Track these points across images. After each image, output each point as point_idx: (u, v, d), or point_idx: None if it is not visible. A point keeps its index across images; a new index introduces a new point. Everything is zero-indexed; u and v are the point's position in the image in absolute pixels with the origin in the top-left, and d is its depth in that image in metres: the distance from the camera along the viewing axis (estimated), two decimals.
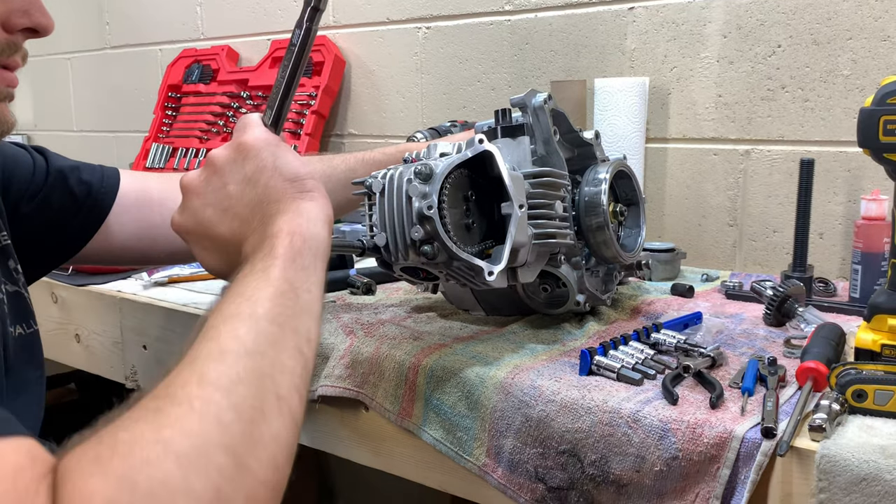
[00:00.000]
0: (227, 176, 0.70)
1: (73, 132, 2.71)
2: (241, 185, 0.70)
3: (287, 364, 0.55)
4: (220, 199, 0.70)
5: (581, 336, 0.97)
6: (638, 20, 1.45)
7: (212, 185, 0.71)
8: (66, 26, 2.63)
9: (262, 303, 0.58)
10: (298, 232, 0.64)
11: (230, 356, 0.52)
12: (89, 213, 0.97)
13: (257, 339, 0.55)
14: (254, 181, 0.69)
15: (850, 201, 1.28)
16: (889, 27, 1.21)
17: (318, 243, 0.66)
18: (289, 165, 0.69)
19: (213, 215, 0.71)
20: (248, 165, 0.70)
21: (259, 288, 0.59)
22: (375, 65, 1.85)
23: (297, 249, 0.63)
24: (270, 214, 0.67)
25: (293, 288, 0.61)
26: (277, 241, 0.63)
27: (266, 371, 0.53)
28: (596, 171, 0.99)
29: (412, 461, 0.91)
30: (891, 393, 0.71)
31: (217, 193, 0.71)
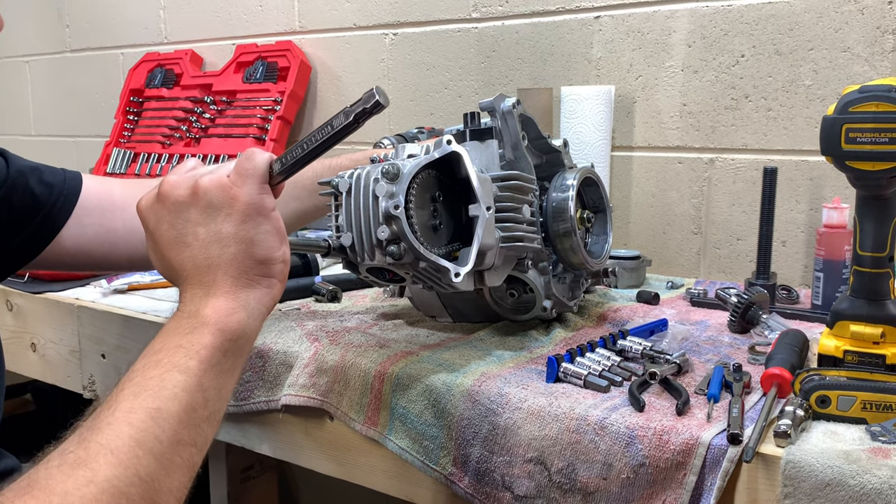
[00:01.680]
0: (203, 217, 0.68)
1: (31, 136, 2.65)
2: (211, 237, 0.67)
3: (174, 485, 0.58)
4: (186, 234, 0.68)
5: (548, 343, 0.97)
6: (604, 29, 1.45)
7: (188, 213, 0.68)
8: (24, 28, 2.57)
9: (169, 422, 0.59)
10: (232, 330, 0.65)
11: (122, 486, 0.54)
12: (50, 216, 0.94)
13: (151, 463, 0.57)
14: (224, 244, 0.67)
15: (812, 209, 1.29)
16: (849, 39, 1.23)
17: (246, 341, 0.67)
18: (264, 244, 0.68)
19: (173, 240, 0.69)
20: (227, 225, 0.67)
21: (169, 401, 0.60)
22: (342, 70, 1.84)
23: (224, 351, 0.64)
24: (219, 286, 0.66)
25: (205, 400, 0.62)
26: (207, 338, 0.64)
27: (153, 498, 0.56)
28: (564, 178, 0.99)
29: (378, 471, 0.90)
30: (853, 398, 0.71)
31: (186, 226, 0.68)
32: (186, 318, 0.66)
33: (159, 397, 0.59)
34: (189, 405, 0.60)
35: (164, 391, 0.60)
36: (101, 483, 0.53)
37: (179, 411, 0.60)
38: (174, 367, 0.62)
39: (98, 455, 0.55)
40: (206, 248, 0.67)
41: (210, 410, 0.63)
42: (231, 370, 0.66)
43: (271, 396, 0.98)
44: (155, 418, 0.58)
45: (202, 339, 0.64)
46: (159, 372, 0.61)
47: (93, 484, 0.53)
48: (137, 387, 0.60)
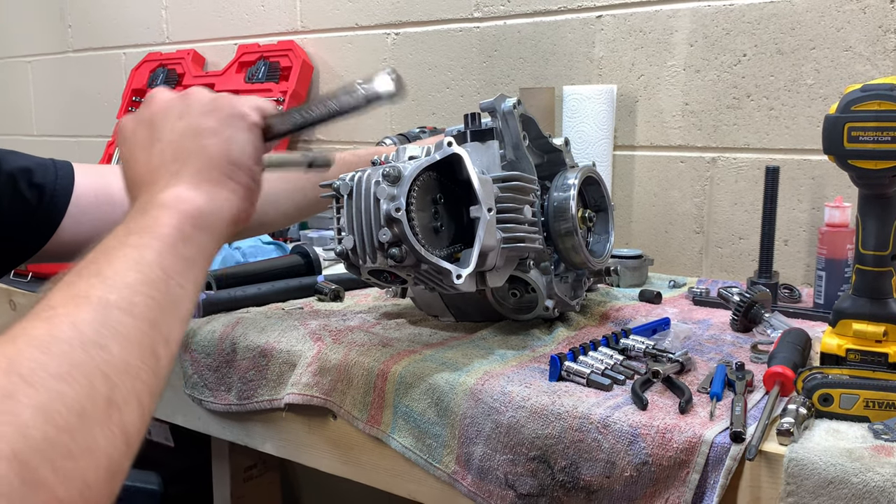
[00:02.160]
0: (188, 110, 0.65)
1: (33, 136, 2.65)
2: (186, 129, 0.64)
3: (132, 364, 0.47)
4: (161, 127, 0.65)
5: (550, 342, 0.97)
6: (606, 28, 1.46)
7: (169, 112, 0.65)
8: (26, 29, 2.58)
9: (119, 289, 0.49)
10: (195, 216, 0.58)
11: (58, 345, 0.44)
12: (42, 219, 0.92)
13: (100, 329, 0.46)
14: (199, 135, 0.63)
15: (814, 208, 1.29)
16: (851, 38, 1.23)
17: (210, 238, 0.59)
18: (241, 148, 0.64)
19: (144, 138, 0.65)
20: (210, 120, 0.64)
21: (123, 271, 0.51)
22: (344, 70, 1.84)
23: (185, 236, 0.56)
24: (181, 177, 0.61)
25: (166, 277, 0.53)
26: (165, 217, 0.57)
27: (102, 368, 0.45)
28: (565, 177, 0.99)
29: (381, 470, 0.90)
30: (856, 397, 0.71)
31: (165, 121, 0.65)
32: (137, 210, 0.58)
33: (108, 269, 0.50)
34: (147, 278, 0.51)
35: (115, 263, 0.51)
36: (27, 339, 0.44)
37: (133, 282, 0.50)
38: (124, 244, 0.53)
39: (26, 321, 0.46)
40: (180, 139, 0.63)
41: (173, 295, 0.53)
42: (194, 262, 0.56)
43: (274, 395, 0.98)
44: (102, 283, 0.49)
45: (158, 219, 0.56)
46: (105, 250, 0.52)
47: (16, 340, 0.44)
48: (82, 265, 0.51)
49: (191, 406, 1.08)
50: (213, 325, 1.06)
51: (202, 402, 1.06)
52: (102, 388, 0.44)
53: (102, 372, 0.45)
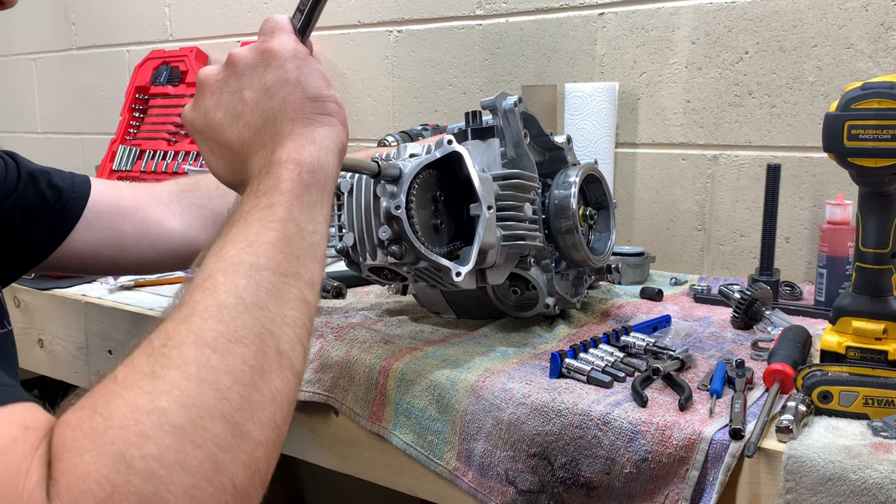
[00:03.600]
0: (245, 80, 0.67)
1: (37, 134, 2.66)
2: (258, 93, 0.66)
3: (289, 315, 0.53)
4: (233, 104, 0.67)
5: (551, 339, 0.97)
6: (608, 26, 1.46)
7: (228, 86, 0.67)
8: (30, 26, 2.58)
9: (265, 250, 0.55)
10: (307, 163, 0.61)
11: (228, 312, 0.50)
12: (59, 218, 0.95)
13: (258, 291, 0.52)
14: (272, 92, 0.65)
15: (816, 206, 1.29)
16: (853, 35, 1.23)
17: (326, 176, 0.63)
18: (312, 83, 0.66)
19: (224, 119, 0.67)
20: (270, 74, 0.66)
21: (262, 231, 0.56)
22: (346, 68, 1.84)
23: (305, 184, 0.60)
24: (283, 134, 0.63)
25: (299, 230, 0.58)
26: (285, 173, 0.60)
27: (266, 326, 0.51)
28: (566, 175, 0.99)
29: (382, 466, 0.91)
30: (855, 394, 0.72)
31: (232, 97, 0.67)
32: (257, 178, 0.62)
33: (248, 231, 0.56)
34: (283, 234, 0.56)
35: (252, 226, 0.56)
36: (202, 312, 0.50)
37: (274, 241, 0.56)
38: (257, 206, 0.58)
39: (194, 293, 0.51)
40: (257, 105, 0.65)
41: (308, 242, 0.58)
42: (318, 204, 0.61)
43: None
44: (248, 247, 0.55)
45: (279, 175, 0.60)
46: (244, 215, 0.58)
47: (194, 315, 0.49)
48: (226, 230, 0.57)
49: None
50: None
51: None
52: (271, 343, 0.51)
53: (268, 329, 0.51)
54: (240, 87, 0.67)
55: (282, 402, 0.50)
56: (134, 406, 0.44)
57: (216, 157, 0.69)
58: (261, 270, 0.54)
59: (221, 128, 0.67)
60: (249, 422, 0.47)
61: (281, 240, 0.56)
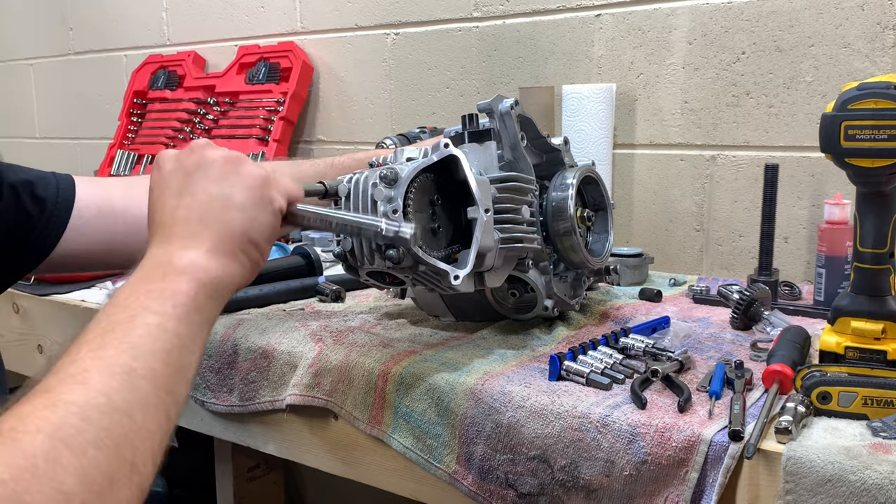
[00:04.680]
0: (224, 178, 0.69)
1: (35, 139, 2.66)
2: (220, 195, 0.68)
3: (150, 429, 0.52)
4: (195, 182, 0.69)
5: (550, 341, 0.97)
6: (605, 27, 1.46)
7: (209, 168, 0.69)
8: (28, 32, 2.58)
9: (144, 358, 0.54)
10: (208, 286, 0.63)
11: (94, 413, 0.49)
12: (44, 232, 0.92)
13: (127, 397, 0.51)
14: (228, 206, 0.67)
15: (814, 206, 1.29)
16: (849, 35, 1.23)
17: (217, 305, 0.65)
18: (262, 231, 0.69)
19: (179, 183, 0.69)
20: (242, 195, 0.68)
21: (146, 338, 0.56)
22: (344, 71, 1.85)
23: (199, 304, 0.62)
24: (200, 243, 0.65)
25: (181, 345, 0.58)
26: (185, 285, 0.61)
27: (127, 436, 0.50)
28: (563, 177, 0.99)
29: (382, 470, 0.91)
30: (854, 395, 0.72)
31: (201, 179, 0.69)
32: (156, 267, 0.63)
33: (132, 335, 0.55)
34: (166, 347, 0.56)
35: (138, 329, 0.56)
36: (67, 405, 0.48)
37: (156, 349, 0.55)
38: (146, 309, 0.58)
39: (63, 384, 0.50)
40: (209, 202, 0.67)
41: (184, 362, 0.58)
42: (202, 326, 0.62)
43: (276, 396, 0.98)
44: (130, 350, 0.54)
45: (177, 285, 0.61)
46: (129, 314, 0.57)
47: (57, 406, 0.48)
48: (107, 325, 0.55)
49: (193, 407, 1.08)
50: (214, 326, 1.06)
51: (204, 404, 1.06)
52: (127, 454, 0.50)
53: (128, 439, 0.50)
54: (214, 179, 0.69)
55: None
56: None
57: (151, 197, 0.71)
58: (136, 377, 0.53)
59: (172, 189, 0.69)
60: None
61: (163, 350, 0.56)
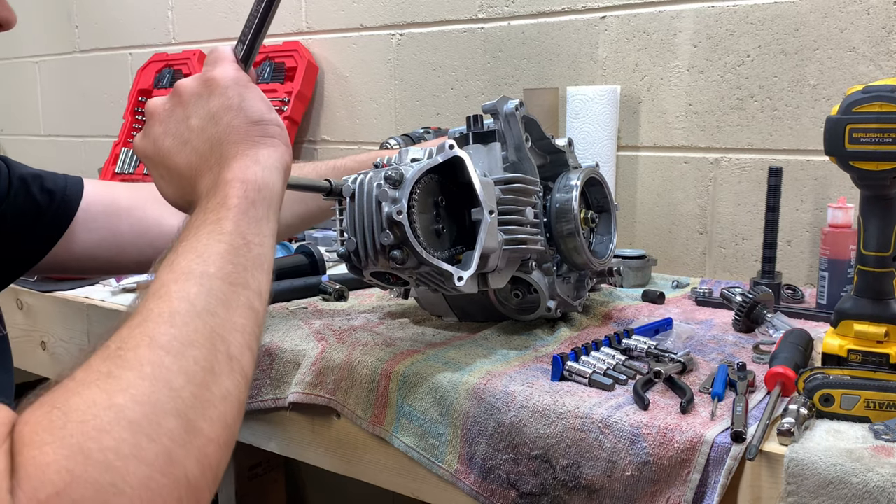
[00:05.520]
0: (190, 108, 0.70)
1: (40, 136, 2.67)
2: (203, 120, 0.69)
3: (238, 322, 0.56)
4: (181, 131, 0.70)
5: (553, 342, 0.97)
6: (610, 29, 1.46)
7: (175, 115, 0.71)
8: (33, 30, 2.59)
9: (213, 260, 0.57)
10: (253, 181, 0.64)
11: (180, 318, 0.52)
12: (51, 221, 0.95)
13: (208, 299, 0.55)
14: (217, 118, 0.69)
15: (818, 209, 1.29)
16: (854, 38, 1.23)
17: (271, 193, 0.66)
18: (254, 107, 0.69)
19: (172, 145, 0.70)
20: (214, 101, 0.69)
21: (211, 243, 0.59)
22: (349, 71, 1.85)
23: (251, 200, 0.63)
24: (228, 156, 0.66)
25: (246, 242, 0.60)
26: (231, 191, 0.63)
27: (217, 331, 0.54)
28: (567, 178, 0.99)
29: (384, 468, 0.91)
30: (857, 397, 0.72)
31: (179, 125, 0.70)
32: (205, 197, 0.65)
33: (197, 246, 0.58)
34: (231, 246, 0.59)
35: (202, 239, 0.59)
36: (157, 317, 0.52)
37: (222, 252, 0.58)
38: (205, 222, 0.61)
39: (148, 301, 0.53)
40: (203, 131, 0.69)
41: (255, 254, 0.60)
42: (265, 219, 0.64)
43: (279, 394, 0.99)
44: (198, 258, 0.57)
45: (227, 193, 0.63)
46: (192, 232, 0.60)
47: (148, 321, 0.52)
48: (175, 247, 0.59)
49: None
50: None
51: None
52: (222, 347, 0.53)
53: (218, 334, 0.54)
54: (186, 115, 0.70)
55: (232, 403, 0.52)
56: (91, 402, 0.46)
57: (166, 182, 0.72)
58: (211, 279, 0.56)
59: (170, 154, 0.70)
60: (201, 419, 0.49)
61: (229, 251, 0.59)
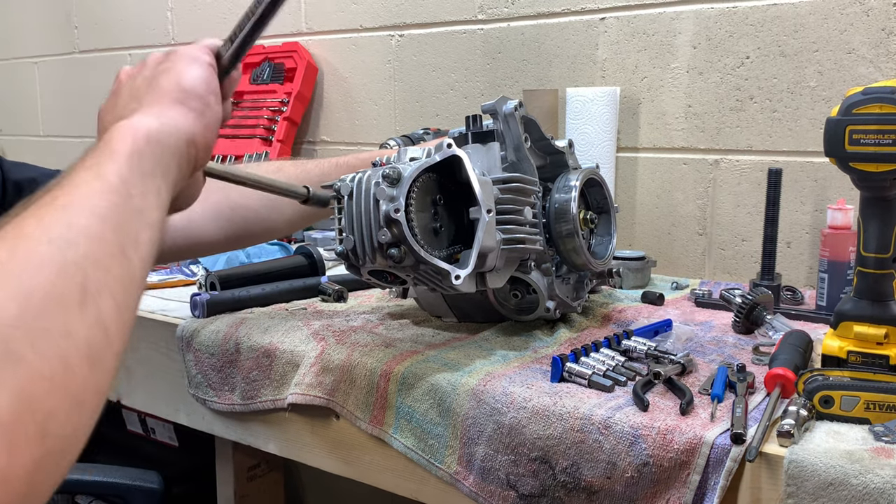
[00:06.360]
0: (144, 70, 0.70)
1: (39, 137, 2.66)
2: (144, 80, 0.69)
3: (102, 259, 0.49)
4: (123, 90, 0.70)
5: (552, 343, 0.97)
6: (609, 30, 1.46)
7: (134, 79, 0.71)
8: (32, 30, 2.59)
9: (82, 194, 0.51)
10: (145, 134, 0.59)
11: (27, 242, 0.46)
12: None
13: (67, 227, 0.48)
14: (154, 77, 0.68)
15: (817, 210, 1.29)
16: (854, 40, 1.23)
17: (164, 151, 0.61)
18: (188, 77, 0.68)
19: (112, 102, 0.70)
20: (161, 66, 0.69)
21: (84, 181, 0.53)
22: (348, 72, 1.85)
23: (139, 150, 0.58)
24: (135, 112, 0.64)
25: (125, 185, 0.54)
26: (118, 137, 0.58)
27: (72, 260, 0.46)
28: (567, 179, 0.99)
29: (384, 470, 0.91)
30: (857, 399, 0.72)
31: (128, 85, 0.70)
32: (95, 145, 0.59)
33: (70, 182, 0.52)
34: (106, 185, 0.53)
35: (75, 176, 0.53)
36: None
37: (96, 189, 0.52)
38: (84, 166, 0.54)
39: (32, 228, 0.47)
40: (139, 86, 0.68)
41: (134, 204, 0.54)
42: (151, 173, 0.58)
43: (278, 395, 0.99)
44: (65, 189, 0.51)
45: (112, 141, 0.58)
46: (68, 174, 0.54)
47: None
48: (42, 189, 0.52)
49: (195, 406, 1.08)
50: (216, 325, 1.07)
51: (206, 402, 1.06)
52: (76, 277, 0.46)
53: (74, 263, 0.46)
54: (138, 75, 0.70)
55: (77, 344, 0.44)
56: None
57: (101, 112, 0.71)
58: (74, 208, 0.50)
59: (105, 109, 0.70)
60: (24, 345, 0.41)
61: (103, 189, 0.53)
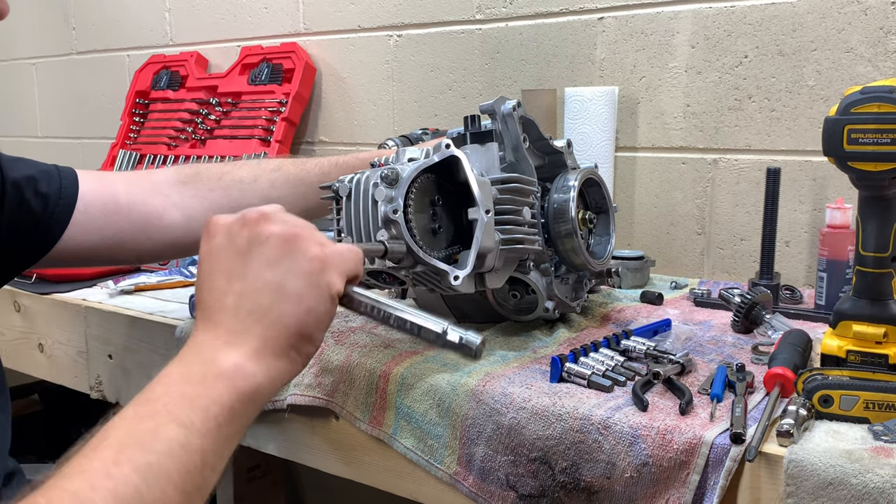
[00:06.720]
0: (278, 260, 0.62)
1: (37, 138, 2.66)
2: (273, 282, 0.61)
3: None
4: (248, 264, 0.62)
5: (551, 343, 0.97)
6: (607, 30, 1.46)
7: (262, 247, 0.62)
8: (30, 31, 2.58)
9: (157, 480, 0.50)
10: (249, 394, 0.58)
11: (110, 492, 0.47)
12: (46, 228, 0.93)
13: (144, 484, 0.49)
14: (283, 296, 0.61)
15: (816, 210, 1.29)
16: (852, 39, 1.23)
17: (255, 410, 0.59)
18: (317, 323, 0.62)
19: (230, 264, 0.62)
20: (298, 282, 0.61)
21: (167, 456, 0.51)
22: (347, 72, 1.85)
23: (235, 413, 0.56)
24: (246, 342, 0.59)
25: (202, 465, 0.53)
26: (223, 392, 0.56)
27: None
28: (565, 179, 0.99)
29: (383, 470, 0.91)
30: (856, 398, 0.72)
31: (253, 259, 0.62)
32: (197, 365, 0.57)
33: (151, 451, 0.51)
34: (185, 466, 0.52)
35: (158, 444, 0.51)
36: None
37: (172, 471, 0.51)
38: (173, 419, 0.53)
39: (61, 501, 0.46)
40: (261, 292, 0.60)
41: (204, 480, 0.54)
42: (232, 437, 0.57)
43: (277, 396, 0.98)
44: (143, 473, 0.50)
45: (213, 391, 0.56)
46: (154, 424, 0.52)
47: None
48: (126, 437, 0.52)
49: None
50: None
51: None
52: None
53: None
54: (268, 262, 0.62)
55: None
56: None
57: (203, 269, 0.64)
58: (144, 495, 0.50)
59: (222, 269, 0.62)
60: None
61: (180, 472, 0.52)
